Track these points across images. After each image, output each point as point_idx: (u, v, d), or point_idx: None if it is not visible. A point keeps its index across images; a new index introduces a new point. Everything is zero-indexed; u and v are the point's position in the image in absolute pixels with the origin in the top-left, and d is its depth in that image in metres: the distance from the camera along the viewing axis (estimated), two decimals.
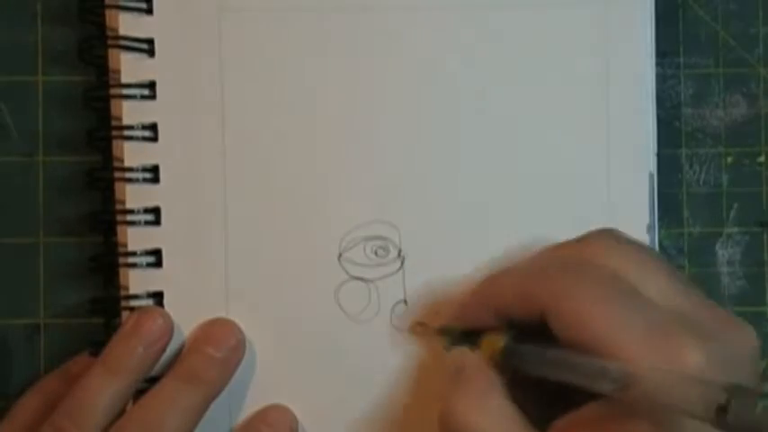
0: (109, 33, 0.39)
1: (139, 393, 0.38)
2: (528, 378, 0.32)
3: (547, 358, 0.32)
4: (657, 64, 0.40)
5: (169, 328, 0.38)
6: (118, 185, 0.39)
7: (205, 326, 0.39)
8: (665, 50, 0.42)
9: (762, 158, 0.42)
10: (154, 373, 0.38)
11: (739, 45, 0.42)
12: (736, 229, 0.42)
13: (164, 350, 0.38)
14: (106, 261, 0.39)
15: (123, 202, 0.39)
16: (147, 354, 0.37)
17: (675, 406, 0.27)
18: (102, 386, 0.36)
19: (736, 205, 0.42)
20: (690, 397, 0.27)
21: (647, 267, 0.32)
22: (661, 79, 0.41)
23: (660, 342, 0.29)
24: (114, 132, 0.39)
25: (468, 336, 0.36)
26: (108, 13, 0.39)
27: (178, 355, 0.38)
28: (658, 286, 0.31)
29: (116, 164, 0.39)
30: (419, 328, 0.39)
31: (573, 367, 0.30)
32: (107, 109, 0.39)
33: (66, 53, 0.41)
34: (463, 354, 0.35)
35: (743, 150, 0.42)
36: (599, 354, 0.29)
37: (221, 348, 0.38)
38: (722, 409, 0.26)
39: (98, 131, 0.39)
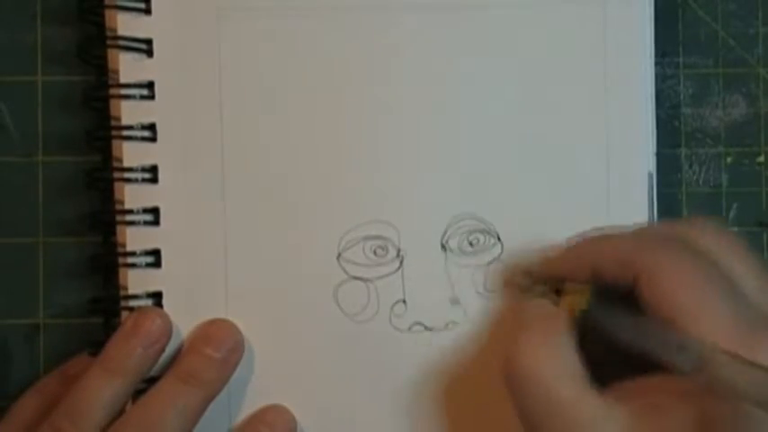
0: (108, 33, 0.39)
1: (139, 394, 0.38)
2: (598, 342, 0.32)
3: (628, 323, 0.32)
4: (657, 64, 0.40)
5: (168, 329, 0.38)
6: (117, 185, 0.39)
7: (204, 326, 0.39)
8: (665, 50, 0.42)
9: (761, 158, 0.42)
10: (153, 373, 0.38)
11: (739, 45, 0.42)
12: (735, 229, 0.42)
13: (162, 351, 0.38)
14: (105, 261, 0.39)
15: (122, 203, 0.39)
16: (146, 354, 0.37)
17: (751, 397, 0.27)
18: (100, 386, 0.36)
19: (735, 205, 0.42)
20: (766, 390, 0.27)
21: (746, 263, 0.32)
22: (660, 79, 0.41)
23: (746, 335, 0.29)
24: (113, 132, 0.39)
25: (553, 283, 0.36)
26: (107, 13, 0.39)
27: (177, 355, 0.38)
28: (754, 283, 0.32)
29: (115, 164, 0.39)
30: (509, 271, 0.39)
31: (653, 336, 0.30)
32: (106, 109, 0.39)
33: (66, 53, 0.41)
34: (539, 305, 0.35)
35: (742, 150, 0.42)
36: (684, 332, 0.29)
37: (220, 349, 0.38)
38: None
39: (97, 131, 0.39)
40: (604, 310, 0.33)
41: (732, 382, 0.28)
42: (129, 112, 0.39)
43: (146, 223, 0.39)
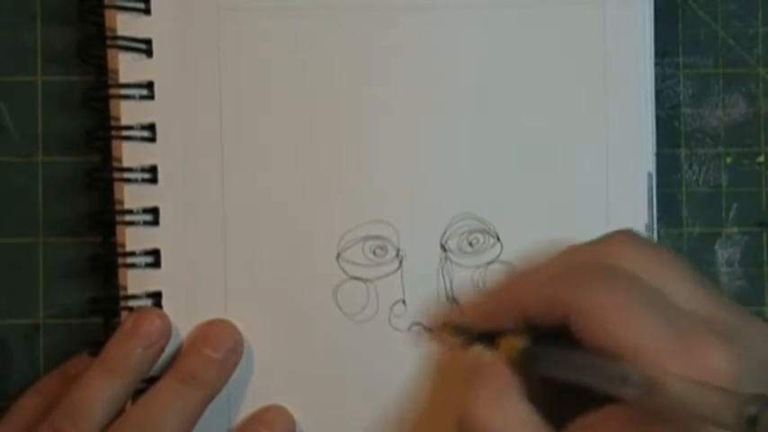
0: (107, 33, 0.39)
1: (138, 394, 0.38)
2: (544, 379, 0.32)
3: (568, 361, 0.32)
4: (657, 64, 0.40)
5: (167, 329, 0.38)
6: (116, 186, 0.39)
7: (203, 326, 0.39)
8: (665, 50, 0.42)
9: (761, 158, 0.42)
10: (152, 373, 0.38)
11: (739, 45, 0.42)
12: (735, 230, 0.42)
13: (162, 351, 0.38)
14: (105, 261, 0.39)
15: (122, 203, 0.39)
16: (146, 354, 0.37)
17: (700, 415, 0.27)
18: (100, 386, 0.36)
19: (735, 205, 0.42)
20: (717, 407, 0.26)
21: (671, 271, 0.32)
22: (660, 79, 0.41)
23: (687, 348, 0.29)
24: (113, 132, 0.39)
25: (487, 335, 0.36)
26: (107, 13, 0.39)
27: (176, 355, 0.38)
28: (683, 290, 0.31)
29: (114, 164, 0.39)
30: (439, 327, 0.39)
31: (594, 371, 0.30)
32: (106, 109, 0.39)
33: (66, 53, 0.41)
34: (480, 354, 0.35)
35: (742, 150, 0.42)
36: (625, 359, 0.29)
37: (219, 349, 0.38)
38: (752, 421, 0.25)
39: (96, 131, 0.39)
40: (542, 351, 0.33)
41: (683, 403, 0.27)
42: (129, 113, 0.39)
43: (145, 223, 0.39)
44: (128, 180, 0.39)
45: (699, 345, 0.29)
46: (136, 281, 0.39)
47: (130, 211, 0.39)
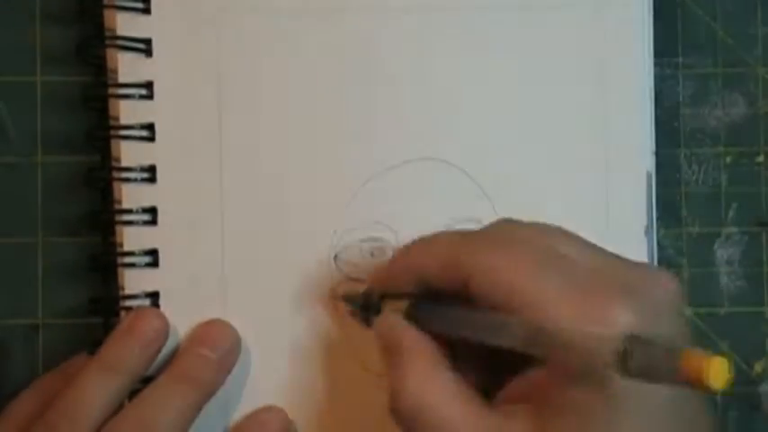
0: (107, 33, 0.39)
1: (135, 394, 0.38)
2: (470, 350, 0.32)
3: (449, 316, 0.32)
4: (656, 64, 0.40)
5: (165, 329, 0.38)
6: (115, 185, 0.39)
7: (201, 327, 0.39)
8: (664, 50, 0.42)
9: (760, 158, 0.42)
10: (149, 373, 0.38)
11: (738, 45, 0.42)
12: (735, 229, 0.42)
13: (159, 351, 0.38)
14: (104, 261, 0.39)
15: (120, 202, 0.39)
16: (143, 354, 0.37)
17: (588, 359, 0.27)
18: (96, 385, 0.36)
19: (734, 205, 0.42)
20: (597, 350, 0.27)
21: (559, 235, 0.32)
22: (660, 79, 0.41)
23: (586, 302, 0.29)
24: (112, 132, 0.39)
25: (369, 304, 0.36)
26: (106, 12, 0.39)
27: (173, 355, 0.38)
28: (575, 249, 0.31)
29: (113, 163, 0.39)
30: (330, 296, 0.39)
31: (474, 323, 0.31)
32: (105, 108, 0.39)
33: (66, 53, 0.41)
34: (392, 328, 0.34)
35: (742, 150, 0.42)
36: (524, 312, 0.29)
37: (216, 349, 0.38)
38: (624, 357, 0.26)
39: (96, 131, 0.39)
40: (424, 309, 0.33)
41: (568, 350, 0.28)
42: (128, 112, 0.39)
43: (144, 223, 0.39)
44: (126, 180, 0.39)
45: (598, 298, 0.29)
46: (134, 280, 0.39)
47: (129, 211, 0.39)
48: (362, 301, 0.37)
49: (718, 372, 0.24)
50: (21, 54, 0.41)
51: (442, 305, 0.33)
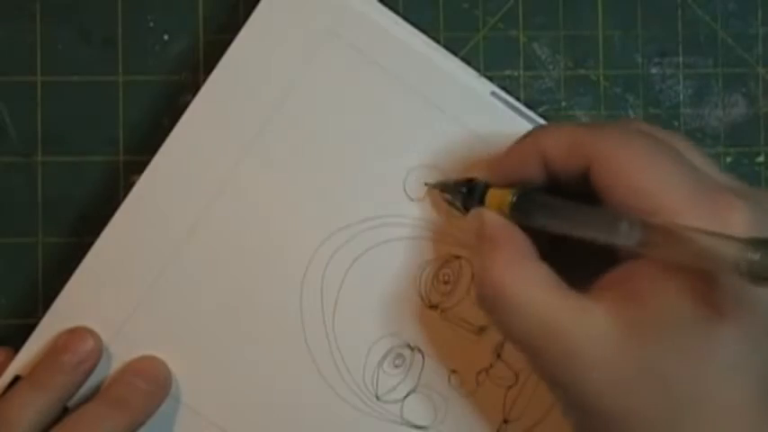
0: None
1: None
2: (568, 249, 0.32)
3: (558, 211, 0.31)
4: (656, 64, 0.40)
5: (98, 350, 0.38)
6: None
7: (135, 360, 0.38)
8: (665, 50, 0.42)
9: (761, 158, 0.42)
10: (81, 399, 0.38)
11: (738, 45, 0.42)
12: None
13: (91, 370, 0.38)
14: None
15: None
16: (75, 372, 0.37)
17: (703, 261, 0.27)
18: (26, 402, 0.36)
19: None
20: (718, 251, 0.26)
21: (690, 145, 0.32)
22: (660, 79, 0.41)
23: (708, 200, 0.29)
24: None
25: (470, 191, 0.35)
26: None
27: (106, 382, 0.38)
28: (703, 159, 0.31)
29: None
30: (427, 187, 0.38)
31: (583, 220, 0.30)
32: None
33: (65, 53, 0.41)
34: (482, 216, 0.34)
35: (742, 150, 0.42)
36: (645, 212, 0.29)
37: (149, 381, 0.38)
38: (752, 263, 0.25)
39: None
40: (531, 202, 0.33)
41: (683, 250, 0.27)
42: None
43: None
44: None
45: (721, 201, 0.29)
46: None
47: None
48: (466, 189, 0.36)
49: None
50: (21, 54, 0.41)
51: (549, 197, 0.32)
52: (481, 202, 0.35)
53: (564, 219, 0.31)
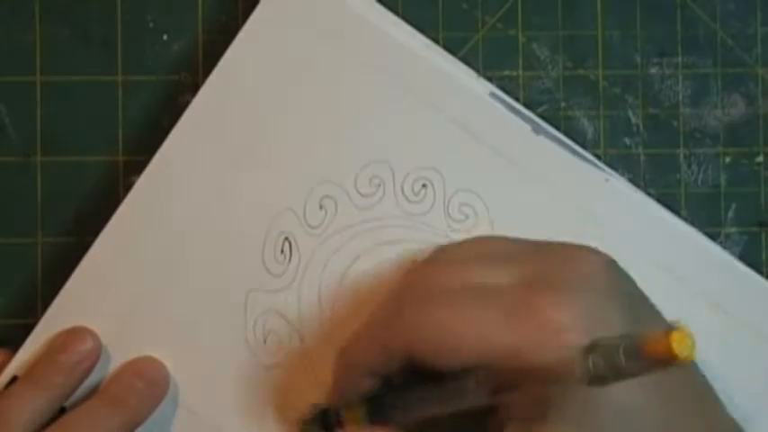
0: None
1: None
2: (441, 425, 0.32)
3: (408, 401, 0.32)
4: (656, 64, 0.40)
5: (97, 350, 0.38)
6: None
7: (133, 360, 0.39)
8: (664, 50, 0.42)
9: (760, 158, 0.42)
10: (79, 399, 0.38)
11: (737, 45, 0.42)
12: (734, 230, 0.42)
13: (90, 370, 0.38)
14: None
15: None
16: (73, 372, 0.37)
17: (559, 379, 0.28)
18: (23, 400, 0.36)
19: (734, 205, 0.42)
20: (562, 369, 0.27)
21: (488, 260, 0.32)
22: (659, 79, 0.41)
23: (521, 319, 0.29)
24: None
25: (326, 418, 0.36)
26: None
27: (103, 382, 0.38)
28: (489, 270, 0.32)
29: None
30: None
31: (437, 397, 0.31)
32: None
33: (65, 53, 0.41)
34: None
35: (741, 150, 0.42)
36: (476, 361, 0.29)
37: (146, 381, 0.38)
38: (587, 371, 0.26)
39: None
40: (383, 403, 0.33)
41: (529, 375, 0.28)
42: None
43: None
44: None
45: (530, 311, 0.29)
46: None
47: None
48: (321, 421, 0.36)
49: (682, 342, 0.24)
50: (21, 54, 0.41)
51: (396, 394, 0.32)
52: (340, 424, 0.35)
53: (417, 405, 0.32)
